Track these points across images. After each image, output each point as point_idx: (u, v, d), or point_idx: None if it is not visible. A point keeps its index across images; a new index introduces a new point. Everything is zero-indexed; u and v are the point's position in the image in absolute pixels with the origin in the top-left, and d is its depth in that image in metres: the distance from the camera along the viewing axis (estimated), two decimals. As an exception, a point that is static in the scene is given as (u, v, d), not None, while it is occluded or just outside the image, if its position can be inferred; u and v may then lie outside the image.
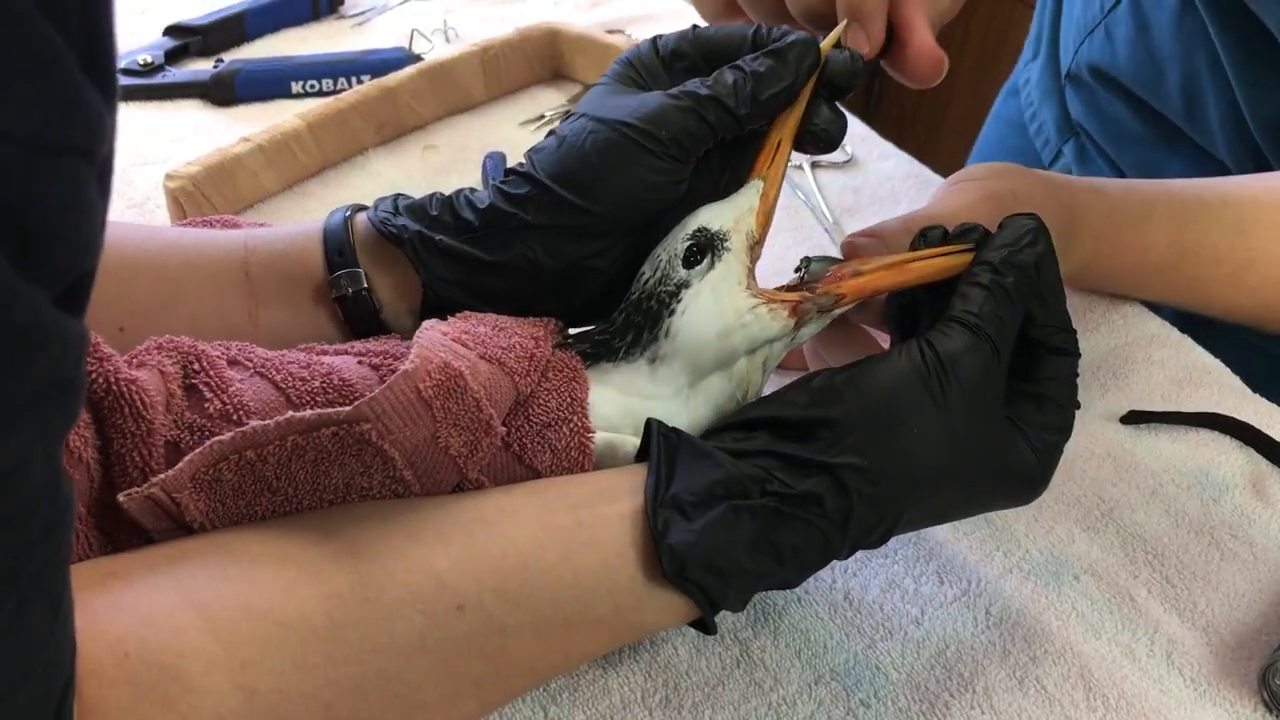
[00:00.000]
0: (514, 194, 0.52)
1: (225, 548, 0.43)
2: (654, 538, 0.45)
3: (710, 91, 0.50)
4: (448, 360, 0.47)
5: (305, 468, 0.45)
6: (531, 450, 0.50)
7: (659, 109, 0.50)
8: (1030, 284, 0.49)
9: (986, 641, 0.56)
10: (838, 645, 0.55)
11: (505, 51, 0.90)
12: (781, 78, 0.51)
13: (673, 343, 0.50)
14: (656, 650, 0.54)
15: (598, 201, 0.51)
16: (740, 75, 0.51)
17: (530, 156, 0.52)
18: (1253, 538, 0.62)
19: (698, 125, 0.50)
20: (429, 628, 0.43)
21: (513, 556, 0.45)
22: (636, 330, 0.51)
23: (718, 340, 0.50)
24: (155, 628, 0.39)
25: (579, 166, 0.51)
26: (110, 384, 0.43)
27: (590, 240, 0.52)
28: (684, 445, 0.48)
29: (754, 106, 0.51)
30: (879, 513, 0.46)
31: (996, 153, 1.06)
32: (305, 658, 0.41)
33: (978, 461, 0.48)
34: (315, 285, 0.54)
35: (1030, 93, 1.01)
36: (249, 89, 0.87)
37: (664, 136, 0.50)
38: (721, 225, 0.51)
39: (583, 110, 0.52)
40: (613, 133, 0.50)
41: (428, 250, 0.52)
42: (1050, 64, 0.97)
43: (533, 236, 0.51)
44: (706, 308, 0.50)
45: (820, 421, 0.47)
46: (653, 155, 0.50)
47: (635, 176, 0.50)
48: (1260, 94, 0.75)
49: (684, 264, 0.50)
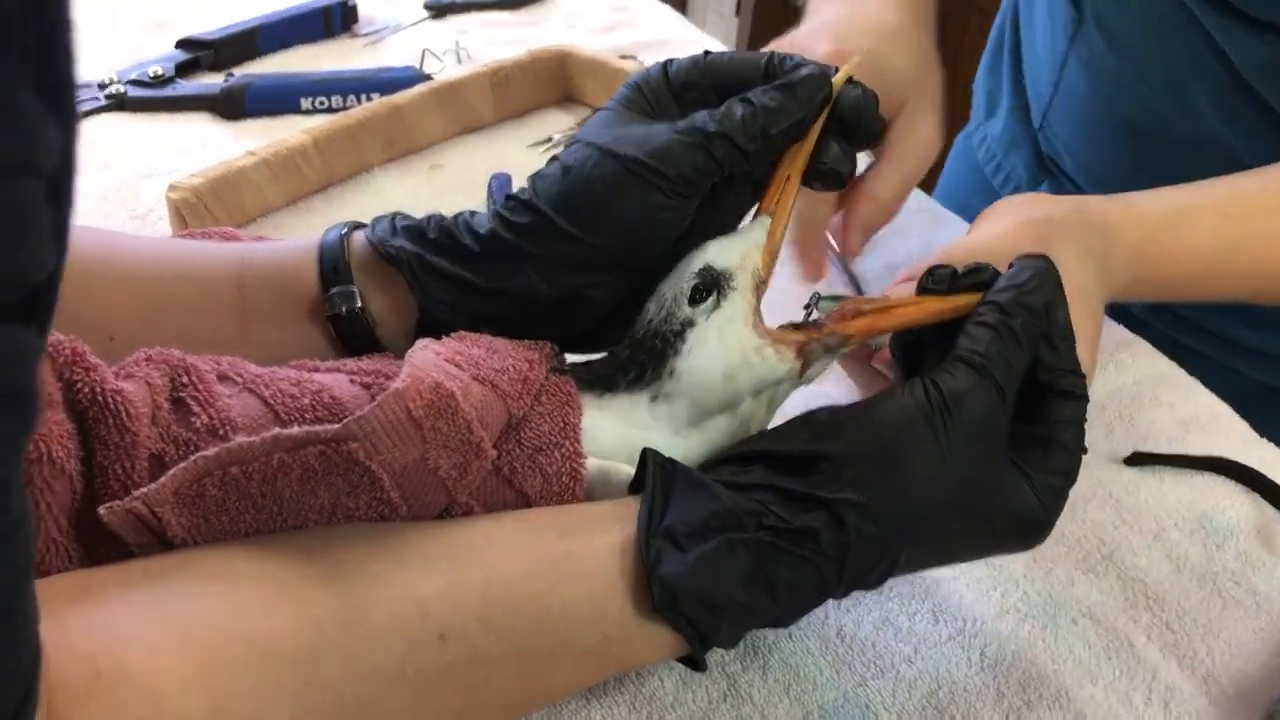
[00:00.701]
0: (515, 222, 0.51)
1: (205, 565, 0.42)
2: (646, 568, 0.44)
3: (719, 128, 0.49)
4: (440, 380, 0.46)
5: (291, 486, 0.45)
6: (522, 474, 0.49)
7: (667, 145, 0.49)
8: (1038, 326, 0.48)
9: (980, 683, 0.55)
10: (828, 682, 0.54)
11: (515, 73, 0.90)
12: (791, 113, 0.50)
13: (677, 383, 0.49)
14: (642, 682, 0.53)
15: (600, 235, 0.50)
16: (750, 110, 0.50)
17: (533, 184, 0.52)
18: (1256, 585, 0.61)
19: (705, 162, 0.49)
20: (410, 656, 0.42)
21: (499, 585, 0.44)
22: (640, 368, 0.50)
23: (723, 382, 0.49)
24: (129, 646, 0.38)
25: (583, 199, 0.50)
26: (96, 394, 0.42)
27: (590, 272, 0.51)
28: (680, 476, 0.47)
29: (763, 143, 0.50)
30: (877, 551, 0.45)
31: (963, 191, 1.07)
32: (281, 683, 0.40)
33: (979, 504, 0.47)
34: (309, 302, 0.53)
35: (991, 147, 1.02)
36: (258, 103, 0.87)
37: (671, 174, 0.49)
38: (728, 264, 0.50)
39: (588, 138, 0.51)
40: (619, 167, 0.49)
41: (425, 273, 0.52)
42: (1015, 116, 0.99)
43: (533, 266, 0.51)
44: (712, 349, 0.49)
45: (820, 456, 0.46)
46: (659, 192, 0.49)
47: (640, 212, 0.50)
48: (1247, 42, 0.75)
49: (690, 303, 0.50)
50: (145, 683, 0.37)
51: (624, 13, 1.08)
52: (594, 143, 0.50)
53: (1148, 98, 0.84)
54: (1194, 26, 0.77)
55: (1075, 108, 0.92)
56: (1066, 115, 0.93)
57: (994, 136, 1.02)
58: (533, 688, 0.45)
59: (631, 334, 0.51)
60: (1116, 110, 0.87)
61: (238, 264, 0.53)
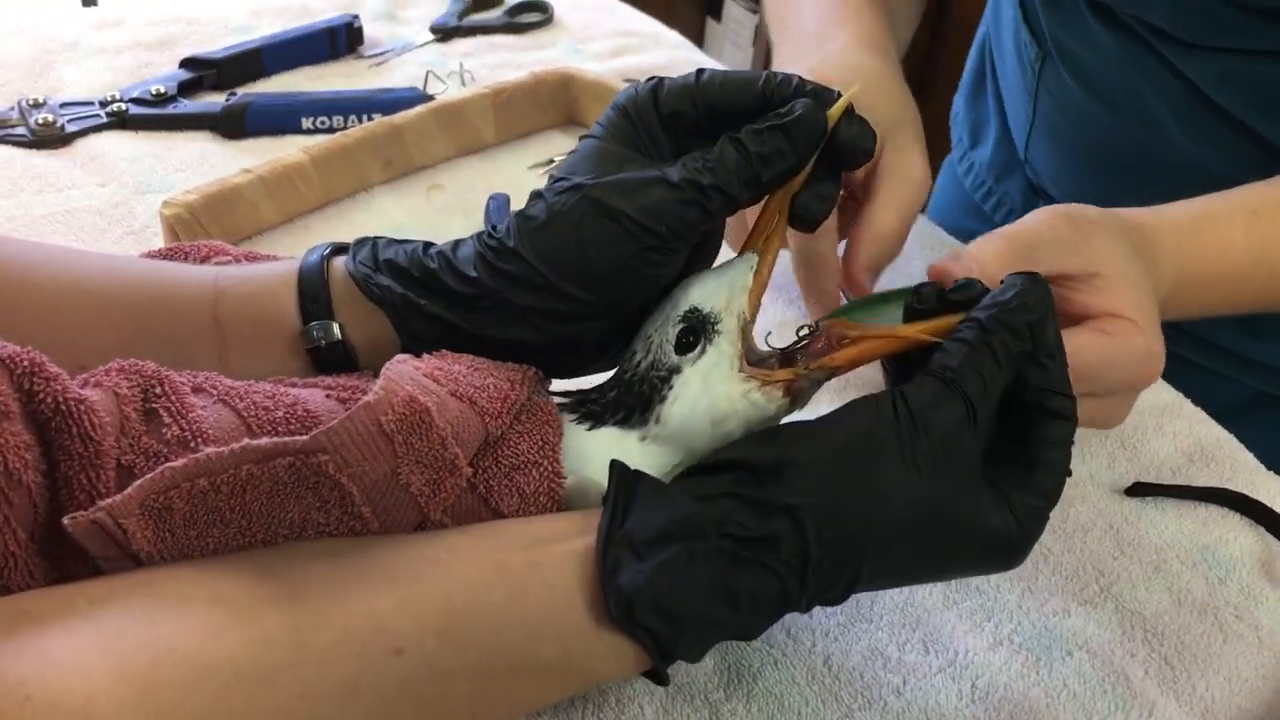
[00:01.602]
0: (502, 270, 0.49)
1: (154, 588, 0.41)
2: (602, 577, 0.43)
3: (713, 180, 0.48)
4: (414, 395, 0.46)
5: (260, 499, 0.44)
6: (499, 493, 0.48)
7: (660, 204, 0.48)
8: (1019, 344, 0.47)
9: (970, 716, 0.53)
10: (813, 713, 0.52)
11: (518, 95, 0.89)
12: (786, 158, 0.48)
13: (665, 428, 0.49)
14: (622, 708, 0.51)
15: (590, 290, 0.49)
16: (743, 156, 0.48)
17: (520, 229, 0.49)
18: (1259, 620, 0.59)
19: (698, 217, 0.48)
20: (364, 672, 0.41)
21: (458, 597, 0.43)
22: (628, 411, 0.49)
23: (711, 427, 0.49)
24: (62, 670, 0.37)
25: (572, 254, 0.48)
26: (59, 404, 0.42)
27: (580, 321, 0.50)
28: (643, 483, 0.46)
29: (756, 190, 0.49)
30: (838, 560, 0.44)
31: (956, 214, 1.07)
32: (229, 702, 0.39)
33: (947, 520, 0.46)
34: (288, 334, 0.51)
35: (979, 174, 1.02)
36: (260, 123, 0.87)
37: (665, 231, 0.48)
38: (713, 307, 0.49)
39: (575, 176, 0.49)
40: (611, 225, 0.48)
41: (411, 313, 0.51)
42: (1003, 145, 0.99)
43: (521, 316, 0.50)
44: (699, 396, 0.49)
45: (787, 463, 0.45)
46: (652, 250, 0.48)
47: (633, 267, 0.49)
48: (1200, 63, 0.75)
49: (676, 350, 0.49)
50: (77, 705, 0.36)
51: (631, 38, 1.08)
52: (583, 187, 0.48)
53: (1119, 126, 0.84)
54: (1149, 51, 0.78)
55: (1052, 139, 0.92)
56: (1046, 147, 0.93)
57: (982, 163, 1.02)
58: (494, 703, 0.44)
59: (619, 373, 0.50)
60: (1092, 140, 0.87)
61: (212, 292, 0.51)
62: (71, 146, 0.84)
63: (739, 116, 0.49)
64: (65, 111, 0.85)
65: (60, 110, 0.85)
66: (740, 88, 0.50)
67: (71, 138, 0.84)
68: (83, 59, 0.94)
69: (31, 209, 0.77)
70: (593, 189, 0.48)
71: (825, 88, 0.49)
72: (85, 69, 0.92)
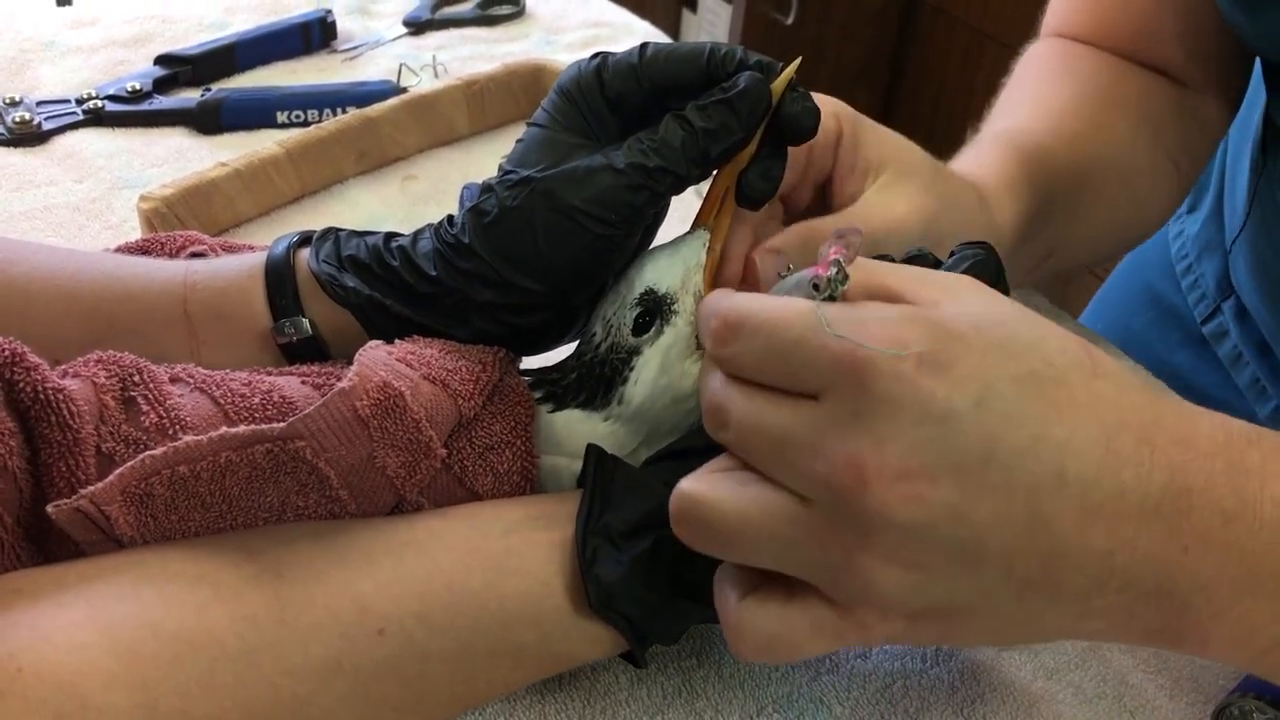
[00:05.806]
0: (461, 268, 0.50)
1: (142, 567, 0.43)
2: (582, 567, 0.45)
3: (660, 162, 0.48)
4: (388, 380, 0.47)
5: (239, 485, 0.45)
6: (472, 473, 0.50)
7: (609, 192, 0.48)
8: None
9: (934, 677, 0.55)
10: (781, 677, 0.54)
11: (490, 86, 0.91)
12: (732, 133, 0.49)
13: (627, 408, 0.50)
14: (596, 677, 0.53)
15: (546, 282, 0.50)
16: (689, 134, 0.49)
17: (473, 226, 0.50)
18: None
19: (648, 200, 0.49)
20: (346, 651, 0.43)
21: (438, 580, 0.45)
22: (590, 392, 0.51)
23: (673, 405, 0.50)
24: (52, 644, 0.38)
25: (527, 249, 0.49)
26: (38, 392, 0.43)
27: (539, 311, 0.52)
28: (620, 473, 0.47)
29: (703, 167, 0.50)
30: None
31: (1154, 272, 0.93)
32: (213, 678, 0.40)
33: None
34: (259, 329, 0.52)
35: (1185, 245, 0.90)
36: (234, 118, 0.88)
37: (615, 218, 0.49)
38: (669, 287, 0.51)
39: (523, 169, 0.50)
40: (562, 218, 0.49)
41: (378, 313, 0.52)
42: (1215, 218, 0.86)
43: (481, 311, 0.51)
44: (657, 376, 0.50)
45: None
46: (603, 238, 0.49)
47: (585, 253, 0.50)
48: None
49: (634, 331, 0.50)
50: (67, 678, 0.38)
51: (602, 28, 1.09)
52: (532, 180, 0.49)
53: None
54: None
55: (1255, 257, 0.79)
56: (1247, 260, 0.80)
57: (1190, 236, 0.89)
58: (473, 683, 0.46)
59: (580, 354, 0.52)
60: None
61: (181, 288, 0.52)
62: (49, 144, 0.85)
63: (685, 91, 0.50)
64: (42, 110, 0.86)
65: (37, 108, 0.86)
66: (685, 62, 0.50)
67: (48, 135, 0.85)
68: (59, 58, 0.95)
69: (10, 206, 0.78)
70: (541, 182, 0.49)
71: (769, 60, 0.50)
72: (61, 67, 0.93)
